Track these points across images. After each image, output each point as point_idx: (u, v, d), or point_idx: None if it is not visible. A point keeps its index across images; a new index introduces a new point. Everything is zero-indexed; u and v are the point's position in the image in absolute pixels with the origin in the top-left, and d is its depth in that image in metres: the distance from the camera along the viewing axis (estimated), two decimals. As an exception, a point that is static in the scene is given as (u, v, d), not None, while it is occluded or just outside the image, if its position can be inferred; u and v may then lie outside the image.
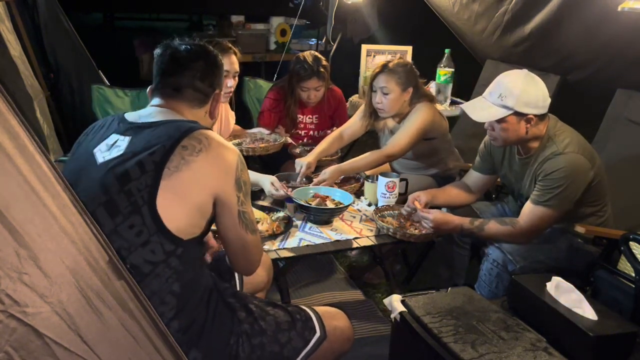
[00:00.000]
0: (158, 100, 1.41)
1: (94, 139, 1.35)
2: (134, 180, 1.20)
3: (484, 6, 3.22)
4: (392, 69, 2.46)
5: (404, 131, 2.47)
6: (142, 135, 1.28)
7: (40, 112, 3.18)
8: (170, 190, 1.21)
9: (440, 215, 2.05)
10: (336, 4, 4.08)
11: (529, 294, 1.61)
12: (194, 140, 1.25)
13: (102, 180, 1.23)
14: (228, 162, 1.29)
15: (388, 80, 2.46)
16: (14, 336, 0.85)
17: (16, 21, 3.23)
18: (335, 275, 2.74)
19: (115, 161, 1.25)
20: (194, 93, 1.41)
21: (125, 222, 1.20)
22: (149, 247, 1.20)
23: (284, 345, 1.42)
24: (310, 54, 2.83)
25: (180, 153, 1.23)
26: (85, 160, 1.30)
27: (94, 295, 0.96)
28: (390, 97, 2.48)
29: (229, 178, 1.29)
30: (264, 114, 2.97)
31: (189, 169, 1.22)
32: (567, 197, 1.91)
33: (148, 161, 1.22)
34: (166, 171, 1.21)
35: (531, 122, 1.92)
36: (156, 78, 1.43)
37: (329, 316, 1.54)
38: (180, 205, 1.23)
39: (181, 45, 1.42)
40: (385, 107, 2.51)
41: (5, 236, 0.83)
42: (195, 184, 1.24)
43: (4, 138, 0.84)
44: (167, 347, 1.11)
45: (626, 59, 2.60)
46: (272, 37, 5.19)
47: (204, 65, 1.42)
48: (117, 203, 1.20)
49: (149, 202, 1.19)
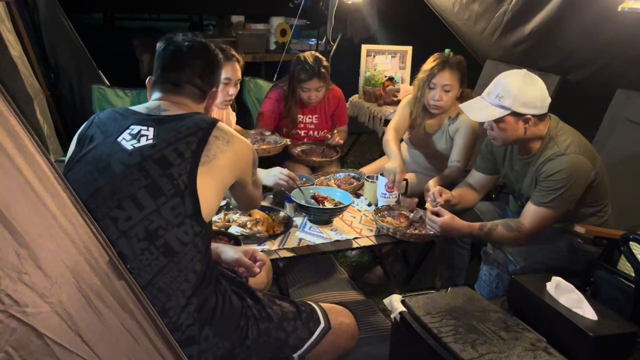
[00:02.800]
0: (159, 94, 1.45)
1: (109, 129, 1.38)
2: (175, 166, 1.29)
3: (484, 6, 3.22)
4: (456, 65, 2.40)
5: (464, 147, 2.48)
6: (168, 127, 1.35)
7: (40, 112, 3.18)
8: (208, 175, 1.32)
9: (450, 222, 2.00)
10: (336, 4, 4.08)
11: (529, 294, 1.61)
12: (221, 132, 1.38)
13: (141, 165, 1.29)
14: (247, 150, 1.47)
15: (452, 77, 2.41)
16: (14, 336, 0.85)
17: (16, 21, 3.23)
18: (335, 275, 2.74)
19: (149, 149, 1.31)
20: (193, 89, 1.45)
21: (168, 202, 1.27)
22: (183, 228, 1.28)
23: (290, 334, 1.45)
24: (311, 55, 2.83)
25: (215, 142, 1.35)
26: (110, 148, 1.34)
27: (94, 295, 0.96)
28: (451, 95, 2.43)
29: (248, 162, 1.50)
30: (264, 115, 2.97)
31: (223, 157, 1.36)
32: (568, 198, 1.91)
33: (185, 149, 1.31)
34: (204, 159, 1.32)
35: (529, 123, 1.91)
36: (157, 71, 1.47)
37: (334, 311, 1.59)
38: (215, 188, 1.36)
39: (184, 41, 1.45)
40: (445, 105, 2.46)
41: (5, 236, 0.83)
42: (228, 168, 1.39)
43: (4, 138, 0.84)
44: (167, 347, 1.11)
45: (626, 59, 2.60)
46: (272, 37, 5.19)
47: (205, 63, 1.47)
48: (161, 185, 1.28)
49: (190, 186, 1.29)
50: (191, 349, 1.29)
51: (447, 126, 2.58)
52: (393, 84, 3.87)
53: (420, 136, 2.68)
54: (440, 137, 2.62)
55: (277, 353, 1.45)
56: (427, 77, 2.46)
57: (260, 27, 5.27)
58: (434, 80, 2.45)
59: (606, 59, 2.75)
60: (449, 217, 2.00)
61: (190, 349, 1.29)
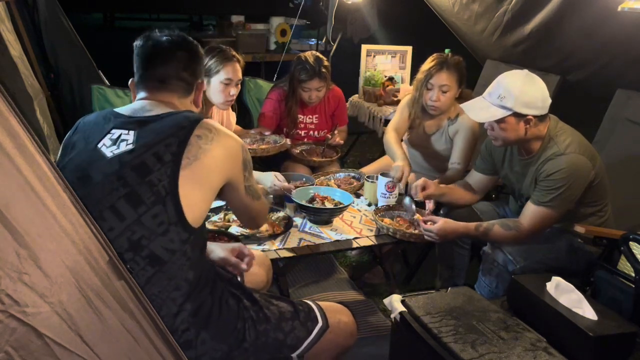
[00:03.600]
0: (144, 93, 1.40)
1: (91, 135, 1.34)
2: (155, 172, 1.24)
3: (484, 6, 3.22)
4: (453, 66, 2.40)
5: (464, 150, 2.47)
6: (149, 128, 1.29)
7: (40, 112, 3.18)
8: (191, 179, 1.25)
9: (445, 226, 2.00)
10: (336, 4, 4.08)
11: (529, 294, 1.61)
12: (204, 130, 1.30)
13: (120, 173, 1.24)
14: (235, 147, 1.37)
15: (450, 78, 2.40)
16: (14, 336, 0.85)
17: (16, 21, 3.22)
18: (335, 275, 2.74)
19: (128, 154, 1.26)
20: (179, 83, 1.41)
21: (149, 211, 1.23)
22: (169, 236, 1.24)
23: (288, 334, 1.44)
24: (312, 55, 2.83)
25: (196, 142, 1.27)
26: (89, 156, 1.30)
27: (94, 295, 0.96)
28: (448, 95, 2.43)
29: (237, 161, 1.38)
30: (265, 115, 2.97)
31: (206, 157, 1.28)
32: (568, 198, 1.91)
33: (165, 152, 1.25)
34: (185, 161, 1.25)
35: (530, 123, 1.92)
36: (139, 70, 1.42)
37: (332, 310, 1.58)
38: (201, 191, 1.29)
39: (162, 36, 1.41)
40: (443, 105, 2.45)
41: (5, 236, 0.83)
42: (214, 169, 1.30)
43: (4, 138, 0.84)
44: (167, 347, 1.11)
45: (626, 59, 2.60)
46: (272, 37, 5.19)
47: (187, 55, 1.42)
48: (140, 194, 1.23)
49: (171, 192, 1.23)
50: (188, 353, 1.27)
51: (446, 127, 2.58)
52: (393, 84, 3.87)
53: (419, 136, 2.68)
54: (440, 137, 2.61)
55: (276, 354, 1.44)
56: (424, 78, 2.46)
57: (260, 27, 5.27)
58: (431, 81, 2.44)
59: (606, 59, 2.75)
60: (442, 221, 2.01)
61: (187, 354, 1.26)
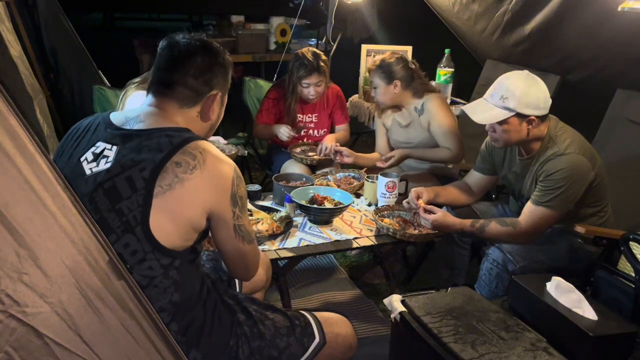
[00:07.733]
0: (150, 97, 1.33)
1: (79, 144, 1.28)
2: (124, 199, 1.16)
3: (484, 6, 3.22)
4: (376, 65, 2.63)
5: (445, 134, 2.56)
6: (130, 146, 1.21)
7: (40, 112, 3.18)
8: (163, 209, 1.16)
9: (442, 219, 2.02)
10: (336, 4, 4.08)
11: (529, 294, 1.61)
12: (187, 156, 1.19)
13: (92, 195, 1.19)
14: (224, 179, 1.24)
15: (373, 76, 2.65)
16: (14, 336, 0.85)
17: (16, 21, 3.22)
18: (335, 275, 2.74)
19: (103, 175, 1.19)
20: (184, 90, 1.30)
21: (120, 240, 1.16)
22: (146, 264, 1.18)
23: (283, 351, 1.39)
24: (309, 50, 2.84)
25: (173, 170, 1.17)
26: (71, 170, 1.24)
27: (94, 295, 0.96)
28: (378, 91, 2.66)
29: (224, 195, 1.25)
30: (262, 113, 2.98)
31: (182, 188, 1.17)
32: (568, 198, 1.90)
33: (138, 178, 1.16)
34: (158, 189, 1.16)
35: (533, 124, 1.92)
36: (152, 72, 1.37)
37: (330, 322, 1.52)
38: (174, 224, 1.19)
39: (183, 39, 1.33)
40: (378, 99, 2.70)
41: (5, 236, 0.83)
42: (189, 202, 1.19)
43: (4, 138, 0.84)
44: (167, 347, 1.11)
45: (626, 59, 2.60)
46: (272, 37, 5.18)
47: (200, 61, 1.31)
48: (109, 222, 1.16)
49: (142, 222, 1.15)
50: None
51: (417, 118, 2.64)
52: (393, 84, 3.86)
53: (399, 134, 2.73)
54: (416, 129, 2.66)
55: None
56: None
57: (260, 27, 5.26)
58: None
59: (606, 59, 2.75)
60: (441, 213, 2.03)
61: None
